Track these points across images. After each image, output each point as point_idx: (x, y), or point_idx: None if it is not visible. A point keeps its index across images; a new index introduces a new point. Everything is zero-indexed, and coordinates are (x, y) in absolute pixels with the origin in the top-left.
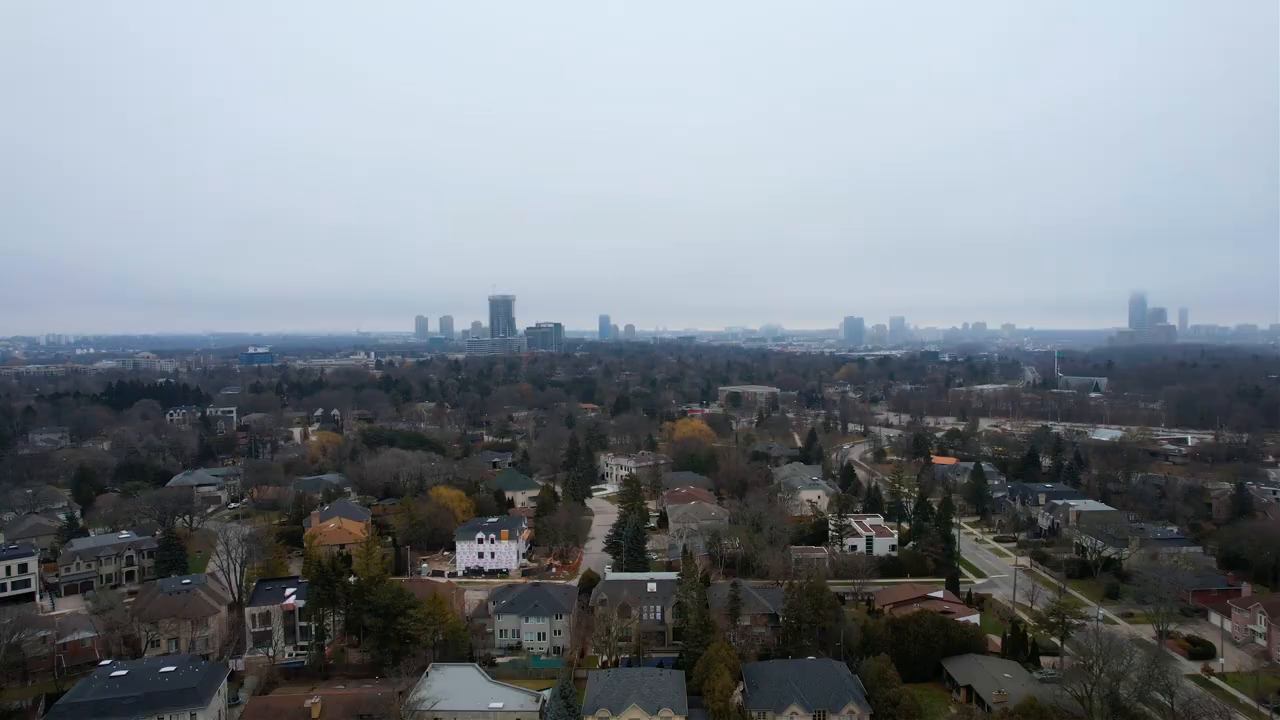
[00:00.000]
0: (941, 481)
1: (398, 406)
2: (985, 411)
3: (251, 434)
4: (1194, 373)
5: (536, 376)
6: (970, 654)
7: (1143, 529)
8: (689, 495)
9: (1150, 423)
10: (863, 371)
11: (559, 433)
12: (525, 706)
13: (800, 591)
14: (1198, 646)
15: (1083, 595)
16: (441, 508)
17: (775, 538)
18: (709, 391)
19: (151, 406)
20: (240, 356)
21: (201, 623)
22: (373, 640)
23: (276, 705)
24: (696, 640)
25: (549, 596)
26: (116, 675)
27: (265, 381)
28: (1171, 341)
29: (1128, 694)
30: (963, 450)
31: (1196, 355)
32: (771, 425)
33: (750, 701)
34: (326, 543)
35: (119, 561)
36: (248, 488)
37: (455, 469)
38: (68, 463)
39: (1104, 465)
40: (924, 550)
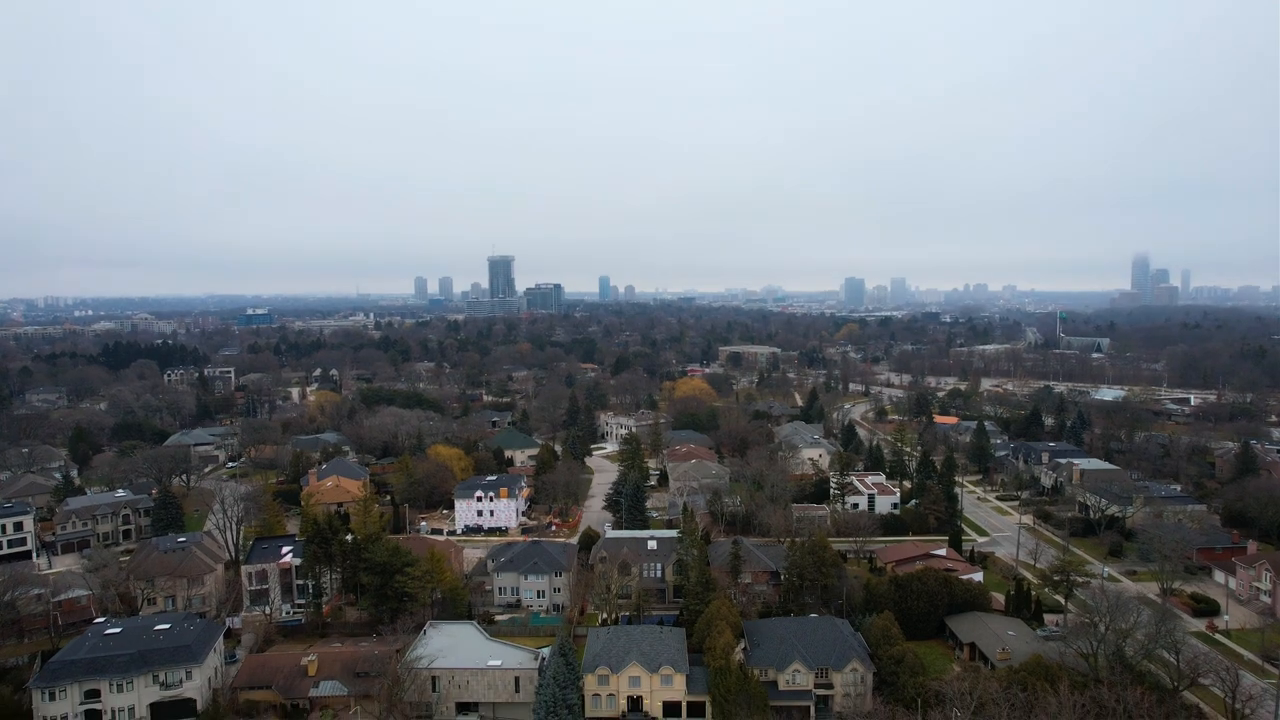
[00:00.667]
0: (944, 440)
1: (396, 366)
2: (987, 372)
3: (249, 394)
4: (1197, 333)
5: (536, 337)
6: (974, 611)
7: (1147, 487)
8: (689, 454)
9: (1153, 383)
10: (864, 332)
11: (558, 392)
12: (524, 664)
13: (802, 549)
14: (1201, 604)
15: (1086, 553)
16: (440, 466)
17: (776, 496)
18: (709, 352)
19: (149, 367)
20: (239, 318)
21: (197, 581)
22: (370, 598)
23: (273, 663)
24: (697, 597)
25: (548, 554)
26: (110, 633)
27: (263, 342)
28: (1174, 303)
29: (1133, 651)
30: (964, 410)
31: (1199, 316)
32: (772, 385)
33: (752, 659)
34: (324, 501)
35: (115, 520)
36: (245, 447)
37: (454, 428)
38: (64, 422)
39: (1107, 424)
40: (926, 508)
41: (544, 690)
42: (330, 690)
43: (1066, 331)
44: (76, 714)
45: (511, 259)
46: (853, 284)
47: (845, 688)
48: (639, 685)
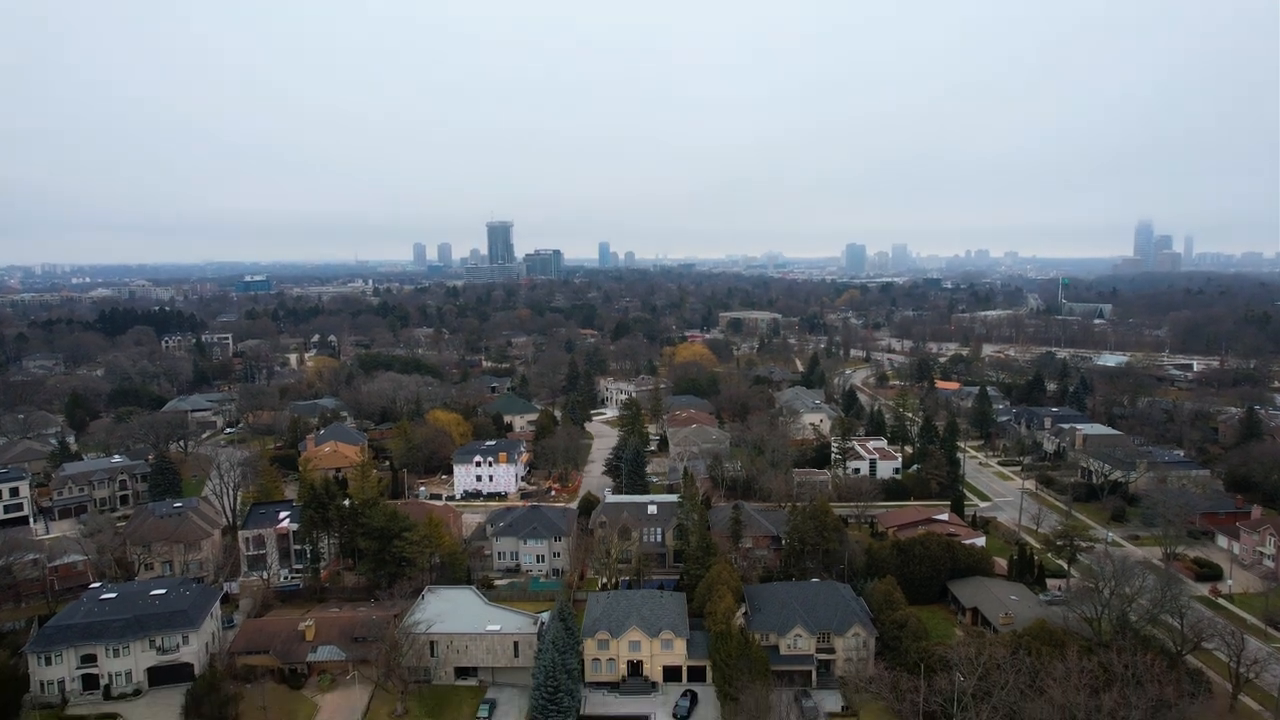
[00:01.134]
0: (945, 406)
1: (395, 332)
2: (988, 338)
3: (247, 360)
4: (1200, 299)
5: (535, 302)
6: (976, 576)
7: (1150, 452)
8: (690, 419)
9: (1155, 349)
10: (865, 298)
11: (558, 358)
12: (523, 629)
13: (804, 514)
14: (1205, 569)
15: (1088, 518)
16: (439, 431)
17: (777, 460)
18: (710, 317)
19: (146, 333)
20: (237, 284)
21: (194, 546)
22: (368, 563)
23: (270, 628)
24: (698, 562)
25: (548, 519)
26: (106, 598)
27: (261, 308)
28: (1177, 269)
29: (1138, 617)
30: (966, 375)
31: (1202, 282)
32: (773, 350)
33: (753, 623)
34: (322, 466)
35: (112, 486)
36: (243, 413)
37: (453, 393)
38: (61, 389)
39: (1110, 390)
40: (928, 473)
41: (543, 655)
42: (328, 655)
43: (1069, 297)
44: (73, 678)
45: (510, 224)
46: (854, 250)
47: (847, 652)
48: (639, 650)
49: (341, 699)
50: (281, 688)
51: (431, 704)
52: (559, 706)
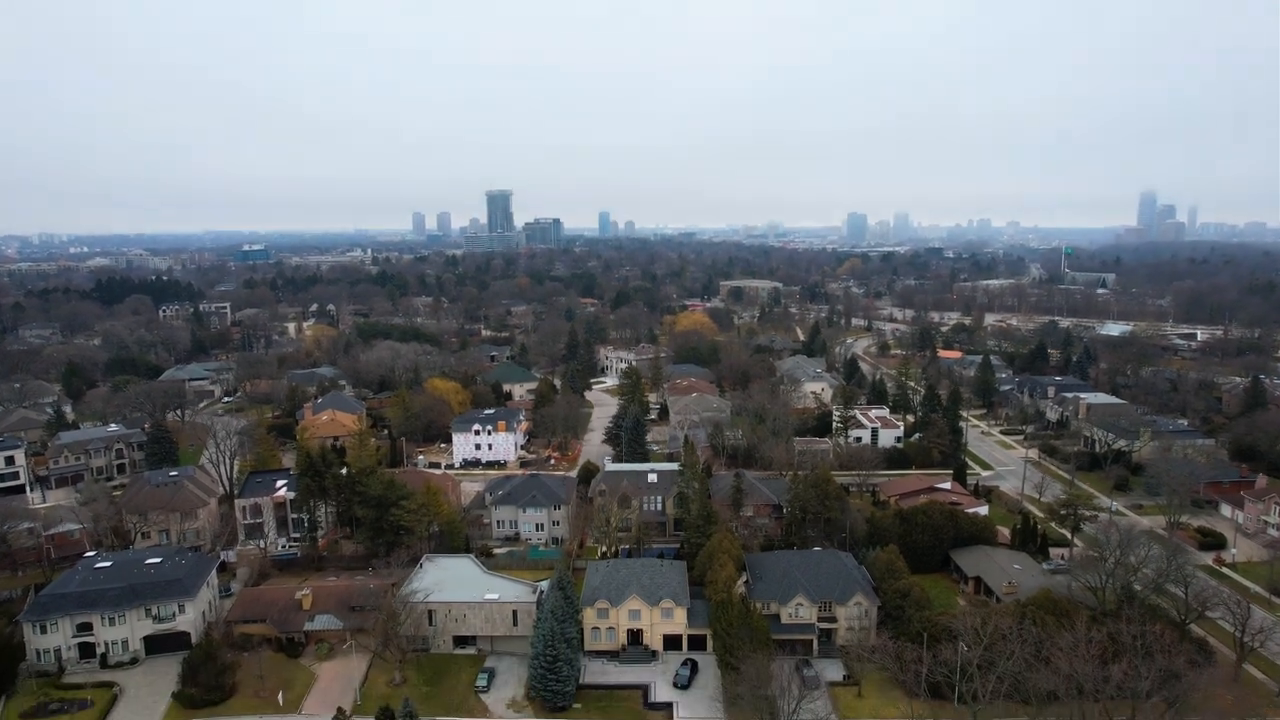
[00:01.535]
0: (947, 375)
1: (394, 301)
2: (991, 307)
3: (245, 329)
4: (1204, 269)
5: (535, 271)
6: (979, 545)
7: (1154, 422)
8: (690, 387)
9: (1158, 319)
10: (866, 267)
11: (558, 326)
12: (522, 597)
13: (805, 482)
14: (1208, 537)
15: (1091, 487)
16: (437, 400)
17: (778, 429)
18: (710, 286)
19: (143, 302)
20: (235, 254)
21: (190, 515)
22: (366, 532)
23: (267, 597)
24: (698, 530)
25: (547, 487)
26: (101, 566)
27: (260, 278)
28: (1180, 239)
29: (1143, 586)
30: (968, 344)
31: (1206, 252)
32: (774, 319)
33: (754, 592)
34: (319, 435)
35: (109, 455)
36: (241, 382)
37: (452, 362)
38: (57, 358)
39: (1113, 359)
40: (930, 442)
41: (542, 624)
42: (325, 624)
43: (1071, 267)
44: (69, 647)
45: (510, 193)
46: (855, 220)
47: (849, 621)
48: (639, 619)
49: (339, 668)
50: (279, 656)
51: (430, 673)
52: (558, 675)
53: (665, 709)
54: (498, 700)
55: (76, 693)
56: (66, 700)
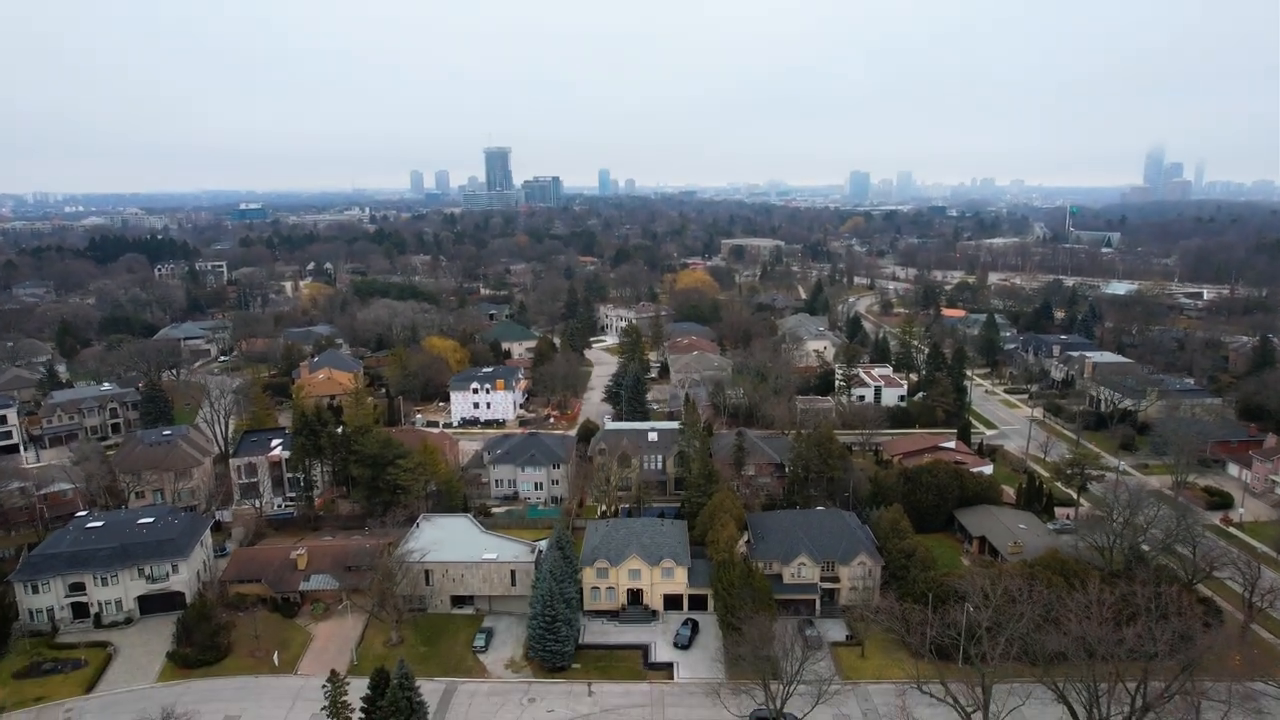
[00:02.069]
0: (951, 333)
1: (391, 259)
2: (994, 266)
3: (241, 287)
4: (1210, 227)
5: (534, 229)
6: (984, 505)
7: (1161, 381)
8: (691, 345)
9: (1164, 277)
10: (869, 225)
11: (557, 284)
12: (520, 557)
13: (808, 441)
14: (1215, 497)
15: (1097, 447)
16: (435, 358)
17: (780, 388)
18: (711, 245)
19: (138, 261)
20: (232, 213)
21: (185, 474)
22: (362, 491)
23: (262, 557)
24: (699, 490)
25: (546, 446)
26: (92, 526)
27: (256, 236)
28: (1186, 198)
29: (1151, 547)
30: (972, 303)
31: (1213, 211)
32: (775, 278)
33: (756, 552)
34: (316, 394)
35: (103, 414)
36: (237, 340)
37: (450, 320)
38: (50, 316)
39: (1119, 318)
40: (934, 401)
41: (540, 584)
42: (321, 584)
43: (1076, 226)
44: (62, 606)
45: (508, 151)
46: (858, 178)
47: (852, 581)
48: (639, 578)
49: (336, 628)
50: (275, 616)
51: (427, 633)
52: (557, 636)
53: (666, 669)
54: (496, 660)
55: (70, 652)
56: (60, 660)
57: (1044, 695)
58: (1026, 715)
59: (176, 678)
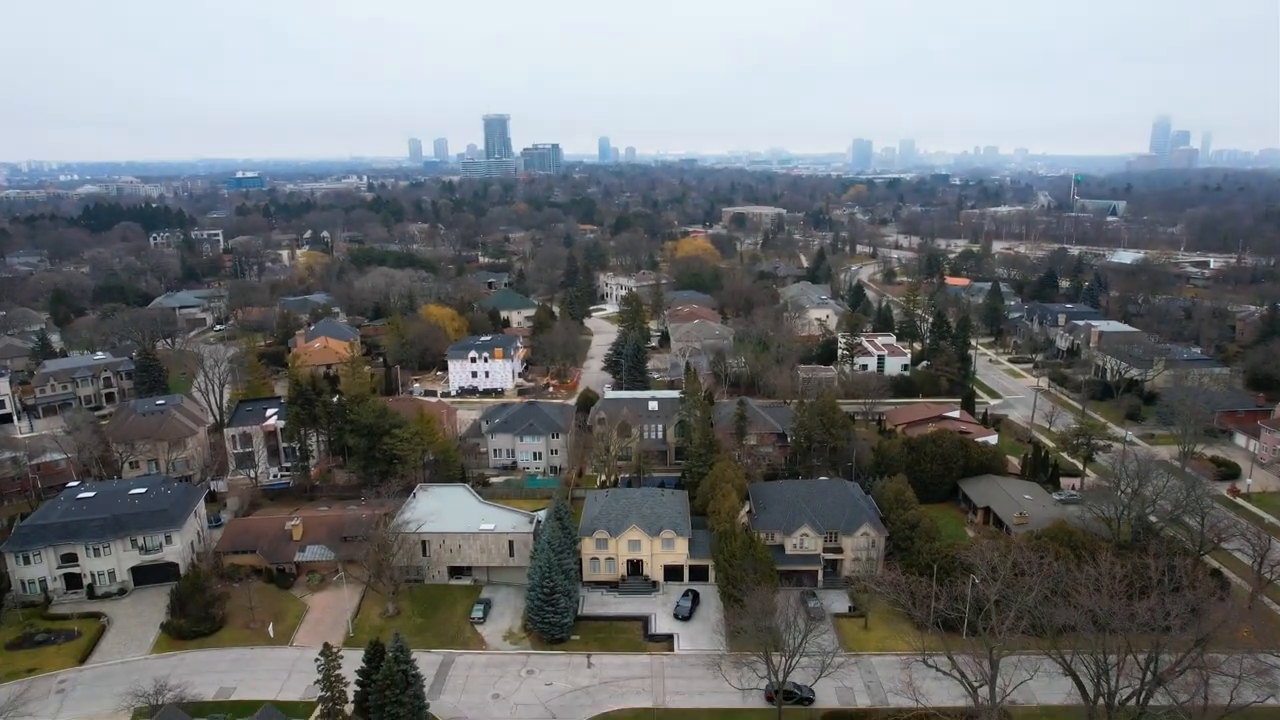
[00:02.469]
0: (954, 302)
1: (389, 227)
2: (998, 234)
3: (237, 256)
4: (1217, 195)
5: (533, 197)
6: (988, 475)
7: (1168, 350)
8: (692, 314)
9: (1170, 246)
10: (871, 194)
11: (556, 253)
12: (518, 528)
13: (810, 410)
14: (1222, 467)
15: (1102, 417)
16: (433, 326)
17: (782, 356)
18: (712, 213)
19: (133, 229)
20: (228, 181)
21: (179, 444)
22: (358, 461)
23: (256, 527)
24: (700, 459)
25: (545, 415)
26: (84, 497)
27: (253, 204)
28: (1193, 166)
29: (1159, 518)
30: (976, 272)
31: (1220, 179)
32: (777, 246)
33: (758, 522)
34: (312, 363)
35: (96, 383)
36: (233, 309)
37: (448, 289)
38: (44, 285)
39: (1125, 287)
40: (938, 370)
41: (539, 555)
42: (316, 555)
43: (1081, 194)
44: (54, 577)
45: (507, 118)
46: (860, 146)
47: (856, 552)
48: (639, 549)
49: (332, 599)
50: (270, 588)
51: (424, 604)
52: (555, 607)
53: (666, 640)
54: (494, 632)
55: (63, 623)
56: (53, 631)
57: (1051, 668)
58: (1033, 688)
59: (171, 649)
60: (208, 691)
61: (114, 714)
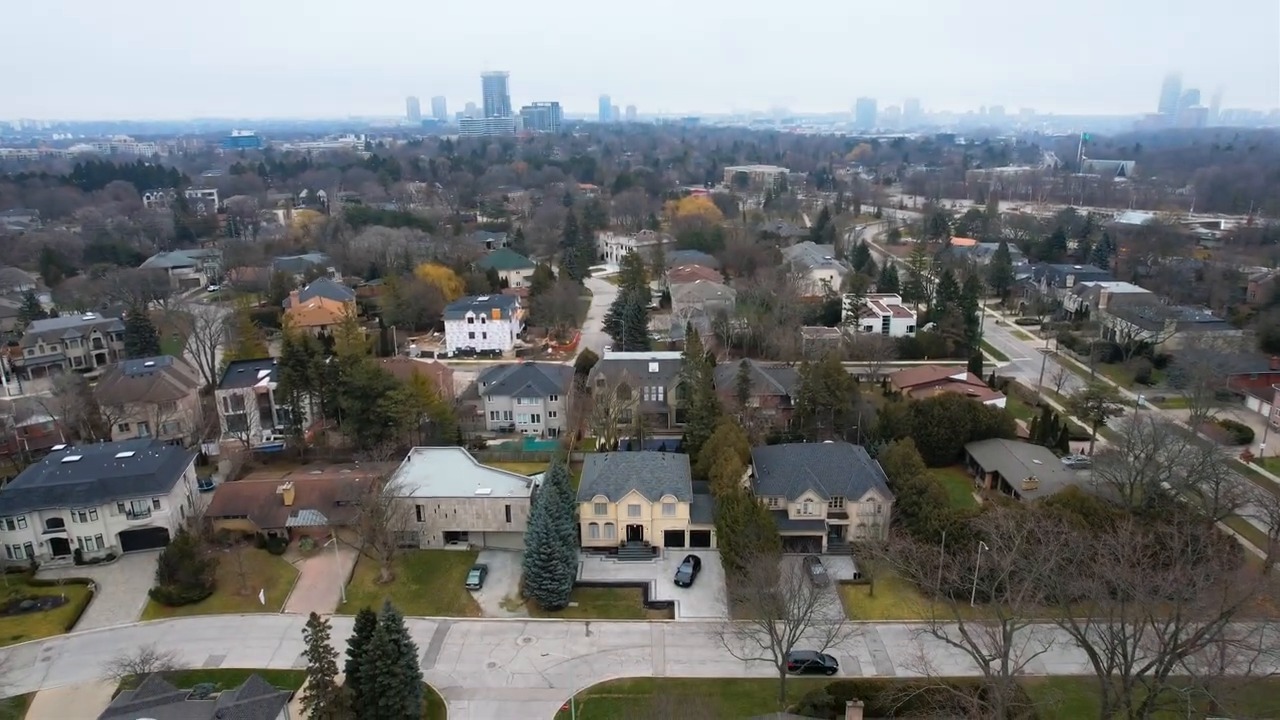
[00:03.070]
0: (961, 262)
1: (386, 186)
2: (1004, 195)
3: (231, 215)
4: (1228, 155)
5: (533, 156)
6: (996, 438)
7: (1180, 312)
8: (693, 274)
9: (1180, 207)
10: (875, 153)
11: (556, 212)
12: (515, 492)
13: (815, 371)
14: (1234, 431)
15: (1112, 380)
16: (429, 286)
17: (786, 317)
18: (714, 172)
19: (125, 188)
20: (224, 140)
21: (169, 406)
22: (351, 423)
23: (247, 491)
24: (702, 422)
25: (543, 376)
26: (69, 460)
27: (248, 163)
28: (1203, 125)
29: (1173, 485)
30: (982, 232)
31: (1230, 138)
32: (780, 206)
33: (761, 487)
34: (306, 323)
35: (86, 344)
36: (227, 269)
37: (445, 248)
38: (34, 244)
39: (1134, 248)
40: (945, 331)
41: (535, 520)
42: (309, 520)
43: (1088, 154)
44: (40, 543)
45: (506, 75)
46: (864, 105)
47: (861, 518)
48: (639, 514)
49: (324, 565)
50: (261, 553)
51: (419, 570)
52: (553, 574)
53: (666, 608)
54: (490, 599)
55: (50, 589)
56: (40, 597)
57: (1062, 638)
58: (1042, 659)
59: (159, 616)
60: (197, 660)
61: (99, 683)
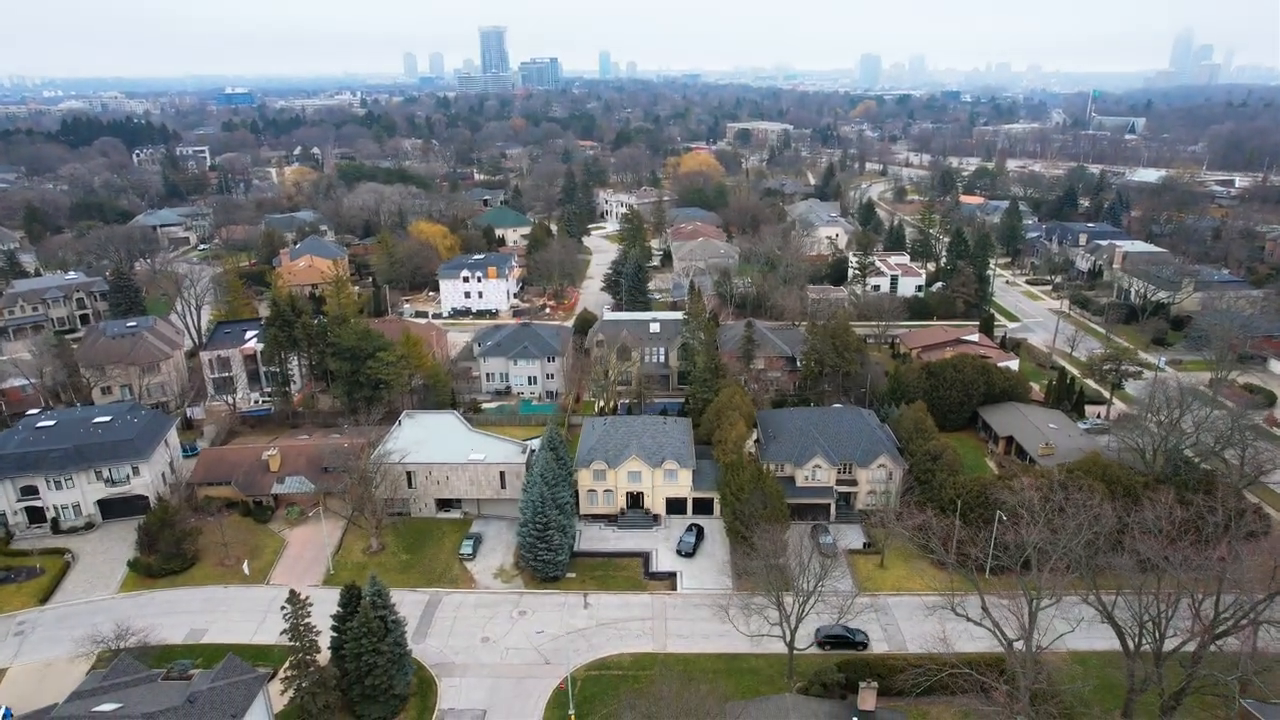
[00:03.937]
0: (969, 220)
1: (381, 143)
2: (1012, 153)
3: (223, 173)
4: (1242, 112)
5: (531, 113)
6: (1009, 402)
7: (1198, 271)
8: (695, 232)
9: (1193, 164)
10: (881, 110)
11: (554, 169)
12: (510, 458)
13: (821, 332)
14: (1256, 395)
15: (1127, 341)
16: (424, 245)
17: (790, 276)
18: (716, 129)
19: (114, 145)
20: (217, 97)
21: (152, 368)
22: (342, 386)
23: (232, 457)
24: (705, 385)
25: (540, 337)
26: (43, 426)
27: (241, 120)
28: (1214, 82)
29: (1198, 452)
30: (991, 190)
31: (1244, 95)
32: (784, 163)
33: (767, 452)
34: (297, 282)
35: (69, 304)
36: (217, 228)
37: (441, 206)
38: (18, 202)
39: (1148, 207)
40: (955, 291)
41: (531, 488)
42: (295, 487)
43: (1098, 111)
44: (15, 511)
45: (504, 30)
46: (869, 61)
47: (872, 485)
48: (639, 481)
49: (311, 533)
50: (246, 521)
51: (410, 539)
52: (549, 544)
53: (668, 578)
54: (484, 569)
55: (25, 560)
56: (13, 568)
57: (1091, 615)
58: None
59: (139, 588)
60: (177, 634)
61: (72, 659)
